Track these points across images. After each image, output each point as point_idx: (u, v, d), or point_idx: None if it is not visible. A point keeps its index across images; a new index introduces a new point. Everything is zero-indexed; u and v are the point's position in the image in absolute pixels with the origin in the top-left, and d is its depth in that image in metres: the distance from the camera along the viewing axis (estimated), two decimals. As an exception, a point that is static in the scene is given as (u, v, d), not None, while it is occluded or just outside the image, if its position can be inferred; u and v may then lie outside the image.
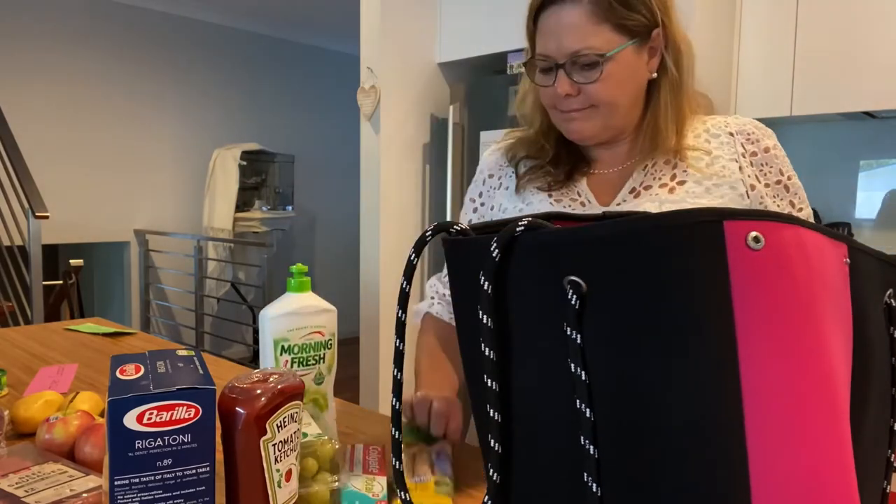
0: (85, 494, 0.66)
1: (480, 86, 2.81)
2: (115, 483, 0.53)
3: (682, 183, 0.87)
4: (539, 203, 0.94)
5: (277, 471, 0.61)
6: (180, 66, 4.69)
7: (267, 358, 0.80)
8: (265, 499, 0.60)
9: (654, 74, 0.88)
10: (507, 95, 2.65)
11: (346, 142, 5.41)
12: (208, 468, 0.55)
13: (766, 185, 0.88)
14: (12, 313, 3.29)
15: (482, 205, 1.05)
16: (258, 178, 4.80)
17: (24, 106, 3.97)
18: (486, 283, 0.47)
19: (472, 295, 0.49)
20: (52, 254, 4.47)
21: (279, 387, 0.62)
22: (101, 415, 0.91)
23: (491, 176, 1.05)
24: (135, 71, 4.48)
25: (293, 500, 0.64)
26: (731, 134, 0.90)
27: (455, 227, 0.53)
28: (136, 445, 0.52)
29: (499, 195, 1.02)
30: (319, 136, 5.47)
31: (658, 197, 0.87)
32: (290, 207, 4.90)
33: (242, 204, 4.59)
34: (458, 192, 2.85)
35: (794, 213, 0.90)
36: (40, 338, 1.50)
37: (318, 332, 0.81)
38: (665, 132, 0.88)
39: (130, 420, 0.52)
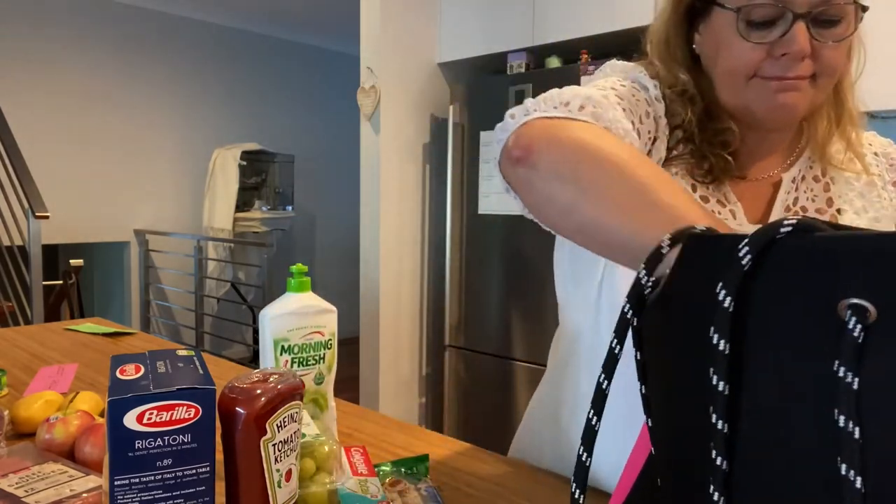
0: (85, 494, 0.66)
1: (480, 86, 2.81)
2: (115, 483, 0.53)
3: (840, 212, 0.74)
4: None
5: (277, 471, 0.61)
6: (180, 66, 4.69)
7: (267, 358, 0.80)
8: (265, 499, 0.60)
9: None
10: (507, 95, 2.65)
11: (346, 142, 5.41)
12: (208, 468, 0.55)
13: None
14: (12, 313, 3.29)
15: (652, 124, 0.72)
16: (258, 178, 4.80)
17: (25, 106, 3.97)
18: (727, 297, 0.35)
19: (699, 307, 0.38)
20: (52, 254, 4.47)
21: (279, 387, 0.62)
22: (101, 415, 0.91)
23: (657, 99, 0.73)
24: (135, 71, 4.48)
25: (293, 501, 0.64)
26: (876, 154, 0.78)
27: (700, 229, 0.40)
28: (136, 445, 0.52)
29: (661, 136, 0.74)
30: (319, 136, 5.47)
31: None
32: (290, 207, 4.90)
33: (242, 204, 4.59)
34: (458, 192, 2.85)
35: None
36: (40, 338, 1.50)
37: (318, 332, 0.81)
38: (849, 117, 0.73)
39: (130, 420, 0.52)
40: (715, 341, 0.36)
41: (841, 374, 0.31)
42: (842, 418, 0.31)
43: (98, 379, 1.19)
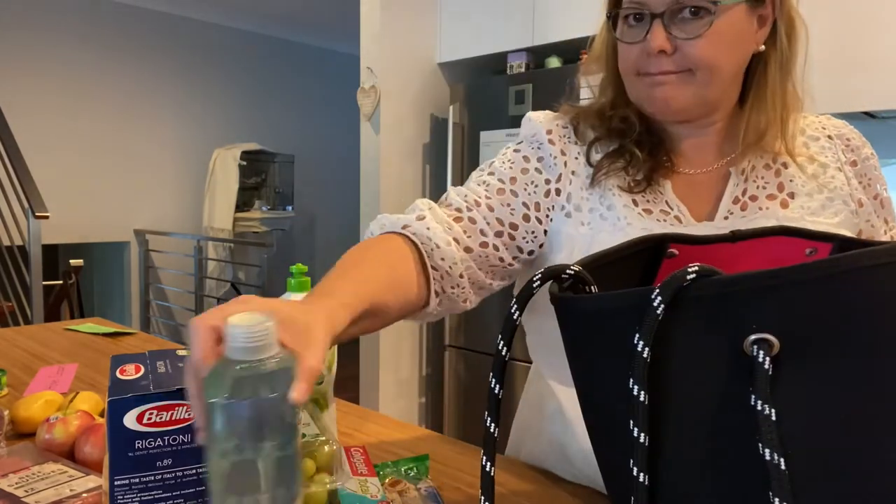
0: (85, 494, 0.66)
1: (480, 86, 2.81)
2: (115, 483, 0.53)
3: (792, 195, 0.75)
4: (624, 209, 0.75)
5: (277, 471, 0.61)
6: (180, 66, 4.69)
7: (267, 358, 0.80)
8: (265, 499, 0.60)
9: (762, 48, 0.73)
10: (506, 95, 2.65)
11: (346, 142, 5.41)
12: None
13: (869, 200, 0.77)
14: (12, 313, 3.29)
15: (538, 172, 0.79)
16: (258, 178, 4.80)
17: (25, 106, 3.97)
18: (644, 347, 0.37)
19: (614, 362, 0.39)
20: (52, 254, 4.47)
21: (279, 387, 0.61)
22: (101, 415, 0.91)
23: (562, 153, 0.80)
24: (135, 71, 4.48)
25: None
26: (830, 137, 0.79)
27: (569, 269, 0.43)
28: (136, 445, 0.53)
29: (565, 179, 0.79)
30: (319, 136, 5.47)
31: (771, 212, 0.73)
32: (290, 207, 4.90)
33: (242, 204, 4.59)
34: (458, 192, 2.85)
35: (889, 231, 0.80)
36: (40, 338, 1.50)
37: (318, 332, 0.81)
38: (772, 118, 0.74)
39: (130, 420, 0.52)
40: (635, 392, 0.37)
41: (759, 407, 0.33)
42: (767, 451, 0.33)
43: (98, 379, 1.19)
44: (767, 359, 0.33)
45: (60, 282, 3.76)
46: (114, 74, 4.39)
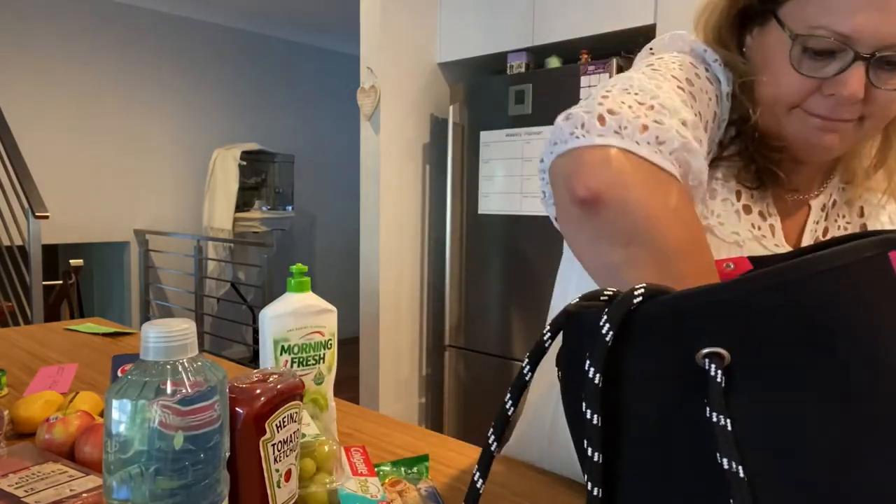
0: (85, 494, 0.66)
1: (480, 86, 2.81)
2: (115, 483, 0.53)
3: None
4: (723, 205, 0.68)
5: (277, 471, 0.61)
6: (181, 66, 4.69)
7: (267, 358, 0.80)
8: (264, 499, 0.60)
9: None
10: (506, 95, 2.65)
11: (346, 142, 5.42)
12: (208, 468, 0.55)
13: None
14: (12, 313, 3.29)
15: (709, 99, 0.65)
16: (258, 178, 4.80)
17: (25, 106, 3.97)
18: (594, 372, 0.37)
19: (577, 383, 0.39)
20: (52, 254, 4.47)
21: (279, 387, 0.62)
22: (101, 415, 0.91)
23: (727, 97, 0.68)
24: (135, 71, 4.48)
25: (293, 501, 0.64)
26: None
27: (606, 293, 0.41)
28: (136, 445, 0.53)
29: (712, 125, 0.67)
30: (319, 136, 5.47)
31: None
32: (290, 207, 4.90)
33: (242, 204, 4.59)
34: (457, 192, 2.85)
35: None
36: (40, 338, 1.50)
37: (318, 332, 0.81)
38: (892, 162, 0.68)
39: (130, 420, 0.52)
40: (588, 416, 0.37)
41: (714, 419, 0.34)
42: (725, 461, 0.33)
43: (98, 379, 1.19)
44: (720, 371, 0.34)
45: (60, 282, 3.76)
46: (114, 74, 4.39)
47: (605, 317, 0.37)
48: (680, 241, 0.52)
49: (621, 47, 2.47)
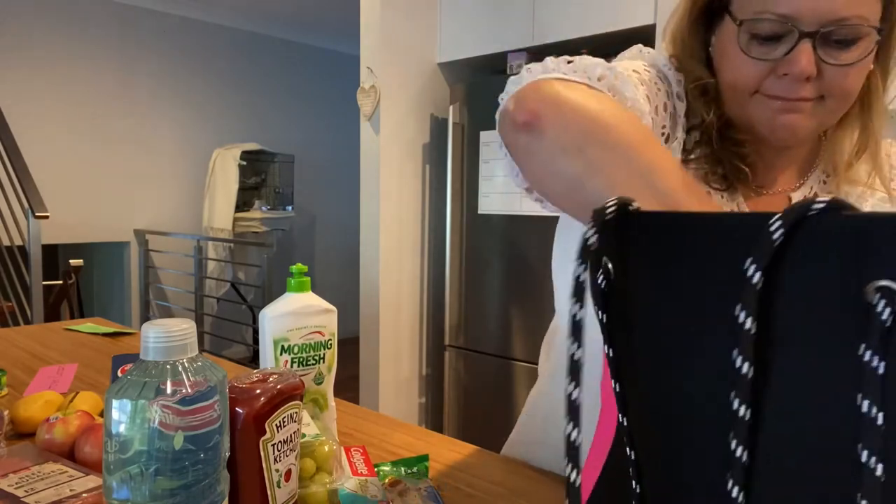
0: (85, 494, 0.66)
1: (480, 86, 2.81)
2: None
3: None
4: None
5: (277, 471, 0.61)
6: (180, 66, 4.69)
7: (267, 358, 0.80)
8: (264, 499, 0.60)
9: (871, 65, 0.66)
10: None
11: (346, 142, 5.42)
12: (208, 468, 0.55)
13: None
14: (12, 313, 3.29)
15: (658, 96, 0.68)
16: (258, 178, 4.81)
17: (24, 106, 3.97)
18: (757, 273, 0.34)
19: (711, 289, 0.36)
20: (52, 254, 4.47)
21: (279, 387, 0.62)
22: (101, 415, 0.91)
23: (675, 105, 0.70)
24: (135, 71, 4.48)
25: (293, 501, 0.64)
26: (893, 166, 0.73)
27: (636, 204, 0.39)
28: (136, 445, 0.53)
29: (676, 130, 0.71)
30: (319, 136, 5.47)
31: None
32: (290, 207, 4.90)
33: (242, 204, 4.59)
34: (457, 192, 2.85)
35: None
36: (40, 338, 1.50)
37: (318, 332, 0.81)
38: (878, 129, 0.68)
39: (130, 420, 0.52)
40: (741, 320, 0.34)
41: (867, 358, 0.31)
42: (865, 403, 0.31)
43: (98, 379, 1.19)
44: (889, 309, 0.30)
45: (60, 282, 3.76)
46: (114, 74, 4.39)
47: (780, 219, 0.33)
48: (631, 134, 0.51)
49: (621, 47, 2.47)
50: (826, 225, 0.33)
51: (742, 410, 0.34)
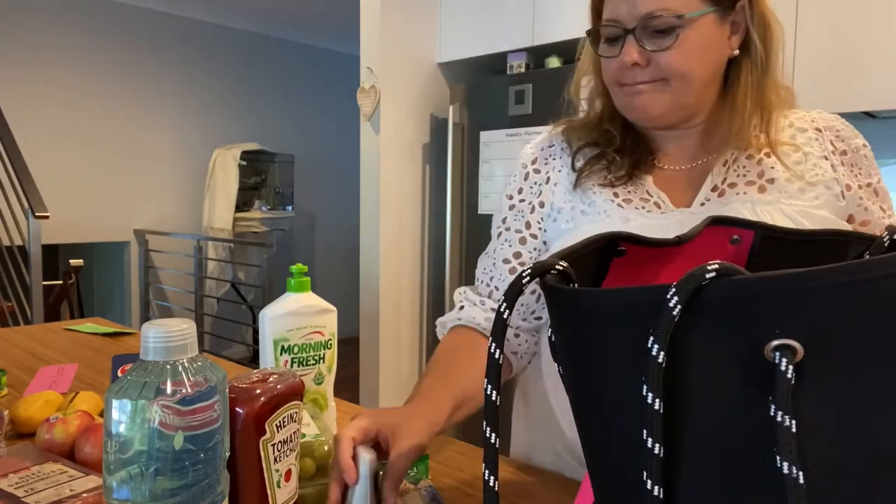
0: (85, 494, 0.66)
1: (480, 86, 2.81)
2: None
3: (771, 181, 0.78)
4: (604, 203, 0.82)
5: (277, 471, 0.61)
6: (180, 66, 4.69)
7: (267, 358, 0.80)
8: (264, 498, 0.60)
9: (736, 52, 0.78)
10: (506, 95, 2.65)
11: (346, 142, 5.41)
12: (208, 468, 0.55)
13: (859, 187, 0.80)
14: (12, 313, 3.29)
15: (521, 201, 0.91)
16: (258, 178, 4.81)
17: (24, 105, 3.97)
18: (659, 351, 0.34)
19: (623, 367, 0.36)
20: (52, 254, 4.47)
21: (279, 387, 0.62)
22: (101, 415, 0.91)
23: (536, 171, 0.91)
24: (135, 71, 4.48)
25: (293, 500, 0.64)
26: (819, 129, 0.81)
27: (557, 266, 0.41)
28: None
29: (547, 191, 0.88)
30: (319, 136, 5.47)
31: (748, 196, 0.77)
32: (290, 207, 4.90)
33: (242, 204, 4.59)
34: (457, 192, 2.85)
35: (888, 218, 0.82)
36: (40, 338, 1.50)
37: (318, 332, 0.81)
38: (743, 117, 0.78)
39: (130, 420, 0.52)
40: (650, 401, 0.34)
41: (779, 418, 0.31)
42: (785, 465, 0.31)
43: (98, 379, 1.19)
44: (791, 366, 0.31)
45: (60, 282, 3.76)
46: (114, 74, 4.39)
47: (674, 291, 0.34)
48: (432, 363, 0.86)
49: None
50: (715, 292, 0.34)
51: (656, 490, 0.35)
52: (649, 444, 0.34)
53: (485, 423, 0.41)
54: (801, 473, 0.31)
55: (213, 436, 0.50)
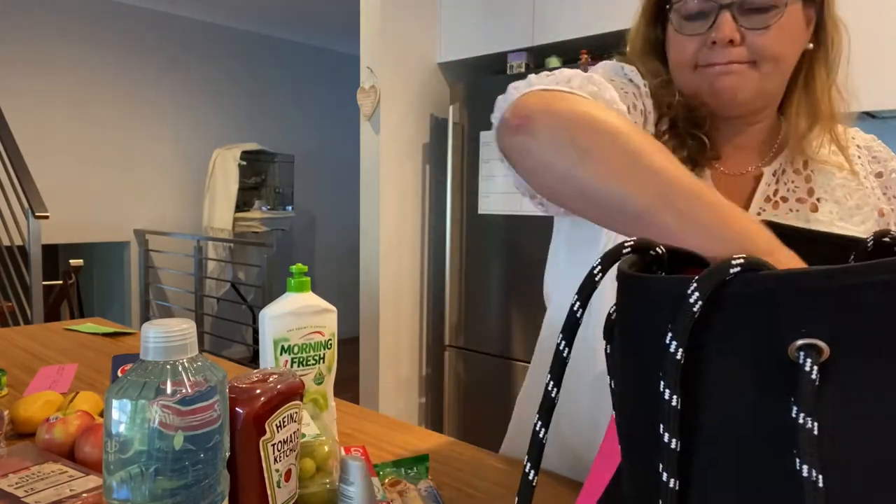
0: (85, 494, 0.66)
1: (480, 86, 2.81)
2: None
3: (819, 200, 0.76)
4: None
5: (277, 471, 0.61)
6: (180, 66, 4.69)
7: (267, 358, 0.80)
8: (264, 498, 0.60)
9: (811, 45, 0.75)
10: (507, 95, 2.65)
11: (346, 142, 5.41)
12: (208, 468, 0.55)
13: (892, 210, 0.78)
14: (12, 313, 3.29)
15: (633, 108, 0.78)
16: (258, 178, 4.80)
17: (25, 106, 3.97)
18: (677, 347, 0.33)
19: (650, 357, 0.36)
20: (52, 254, 4.47)
21: (279, 387, 0.62)
22: (101, 415, 0.91)
23: (637, 87, 0.78)
24: (135, 70, 4.48)
25: (293, 500, 0.64)
26: (859, 147, 0.80)
27: (657, 248, 0.41)
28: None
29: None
30: (319, 136, 5.47)
31: (801, 214, 0.75)
32: (290, 207, 4.90)
33: (242, 204, 4.59)
34: (457, 192, 2.85)
35: None
36: (40, 338, 1.50)
37: (318, 332, 0.81)
38: (821, 104, 0.75)
39: (130, 420, 0.52)
40: (667, 396, 0.34)
41: (801, 420, 0.30)
42: (804, 468, 0.30)
43: (98, 379, 1.19)
44: (815, 367, 0.30)
45: (60, 282, 3.76)
46: (114, 74, 4.39)
47: (695, 285, 0.33)
48: (617, 124, 0.53)
49: (621, 47, 2.47)
50: (740, 288, 0.33)
51: (671, 483, 0.34)
52: (666, 439, 0.34)
53: (537, 416, 0.40)
54: (820, 477, 0.30)
55: (213, 436, 0.50)
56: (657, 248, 0.41)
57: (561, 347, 0.39)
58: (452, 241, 2.89)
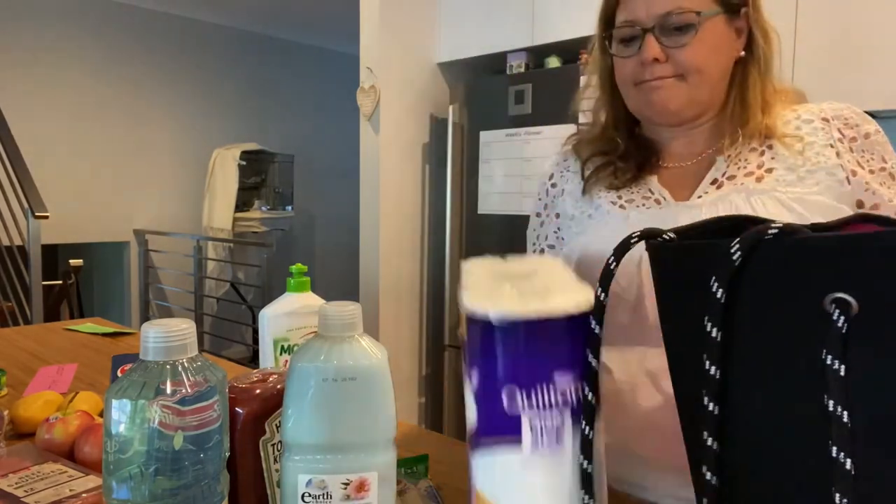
0: (85, 494, 0.66)
1: (480, 86, 2.81)
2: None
3: (770, 171, 0.81)
4: (607, 205, 0.88)
5: (277, 471, 0.61)
6: (180, 66, 4.69)
7: (267, 358, 0.80)
8: (264, 499, 0.60)
9: (742, 53, 0.84)
10: (506, 95, 2.65)
11: (346, 142, 5.41)
12: (208, 468, 0.55)
13: (871, 172, 0.81)
14: (12, 313, 3.29)
15: (547, 216, 0.98)
16: (258, 178, 4.81)
17: (24, 106, 3.97)
18: (720, 289, 0.40)
19: (695, 305, 0.42)
20: (52, 254, 4.47)
21: (279, 386, 0.62)
22: (101, 415, 0.91)
23: (553, 185, 0.98)
24: (135, 70, 4.48)
25: (293, 500, 0.64)
26: (826, 119, 0.84)
27: (667, 234, 0.48)
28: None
29: (560, 202, 0.96)
30: (319, 136, 5.47)
31: (744, 187, 0.80)
32: (289, 207, 4.90)
33: (242, 204, 4.59)
34: (457, 192, 2.85)
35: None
36: (40, 338, 1.50)
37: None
38: (753, 108, 0.83)
39: (130, 420, 0.52)
40: (708, 329, 0.40)
41: (829, 361, 0.35)
42: (831, 403, 0.35)
43: (98, 379, 1.19)
44: (843, 317, 0.34)
45: (60, 282, 3.76)
46: (113, 74, 4.39)
47: (738, 243, 0.39)
48: None
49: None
50: (779, 247, 0.39)
51: (711, 406, 0.41)
52: (706, 366, 0.41)
53: (586, 385, 0.45)
54: (846, 413, 0.34)
55: (213, 436, 0.50)
56: (666, 234, 0.48)
57: (592, 325, 0.45)
58: (452, 240, 2.89)
